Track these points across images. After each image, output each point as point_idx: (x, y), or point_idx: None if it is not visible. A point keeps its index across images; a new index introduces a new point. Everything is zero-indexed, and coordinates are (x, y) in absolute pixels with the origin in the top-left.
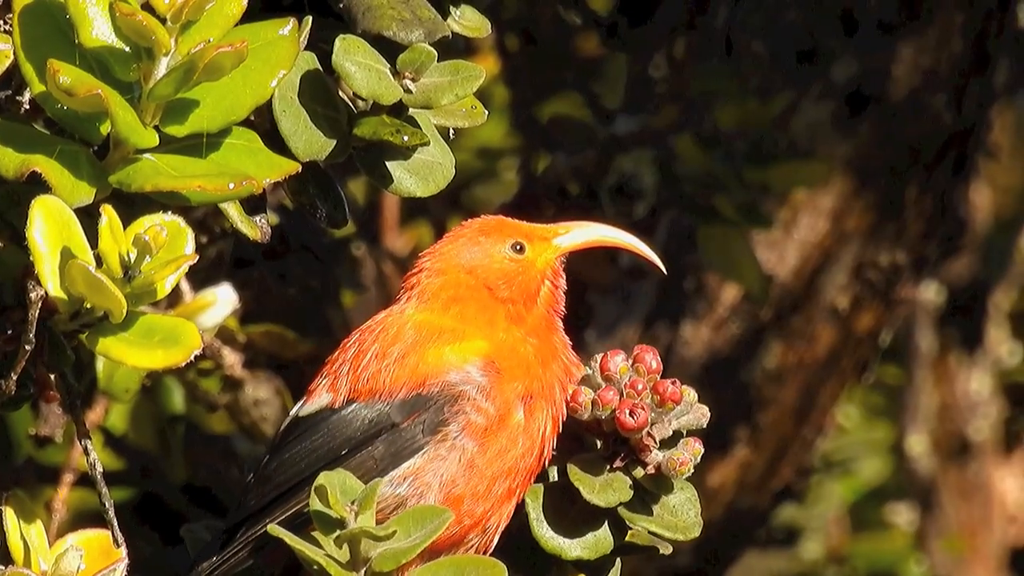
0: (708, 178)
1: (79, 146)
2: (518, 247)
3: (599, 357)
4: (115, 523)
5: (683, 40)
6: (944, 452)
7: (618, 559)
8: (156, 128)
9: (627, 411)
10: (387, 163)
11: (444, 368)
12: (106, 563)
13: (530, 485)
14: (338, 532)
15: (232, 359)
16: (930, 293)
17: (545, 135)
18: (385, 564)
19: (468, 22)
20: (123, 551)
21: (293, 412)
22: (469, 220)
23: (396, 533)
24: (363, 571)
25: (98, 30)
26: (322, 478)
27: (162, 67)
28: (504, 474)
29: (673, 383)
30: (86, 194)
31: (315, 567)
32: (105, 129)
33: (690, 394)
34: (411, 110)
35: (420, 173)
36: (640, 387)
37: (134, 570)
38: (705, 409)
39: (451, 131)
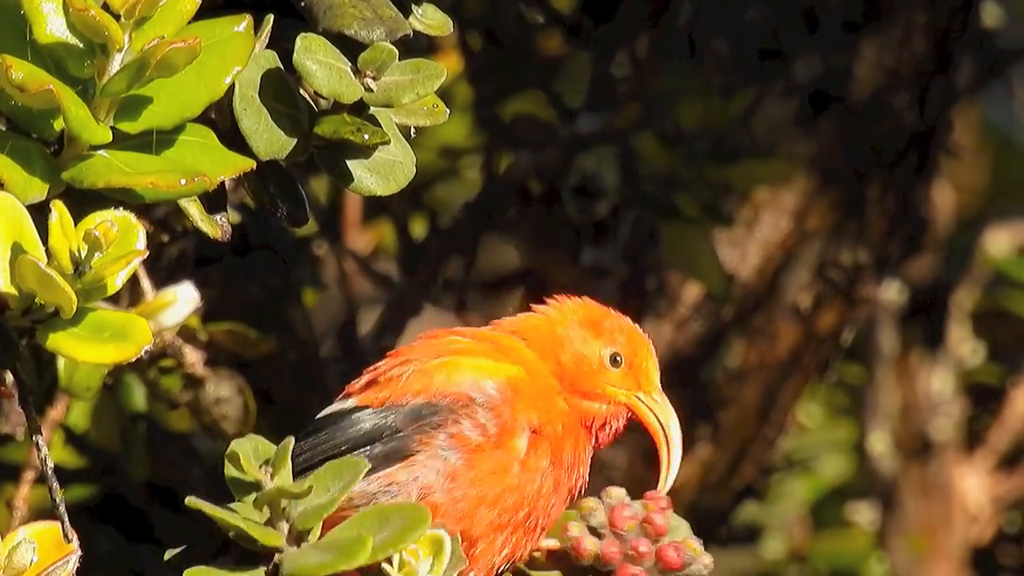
0: (670, 177)
1: (31, 142)
2: (616, 360)
3: (611, 504)
4: (66, 518)
5: (646, 39)
6: (906, 451)
7: None
8: (111, 126)
9: None
10: (348, 162)
11: (461, 381)
12: (59, 555)
13: (526, 539)
14: (255, 494)
15: (193, 357)
16: (892, 292)
17: (507, 134)
18: (307, 522)
19: (430, 20)
20: (75, 543)
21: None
22: (629, 321)
23: (313, 489)
24: (287, 530)
25: (52, 26)
26: (234, 445)
27: (116, 63)
28: (492, 501)
29: (677, 549)
30: (39, 190)
31: (232, 533)
32: (59, 125)
33: (695, 548)
34: (372, 109)
35: (381, 172)
36: (644, 549)
37: (95, 568)
38: (708, 559)
39: (412, 130)
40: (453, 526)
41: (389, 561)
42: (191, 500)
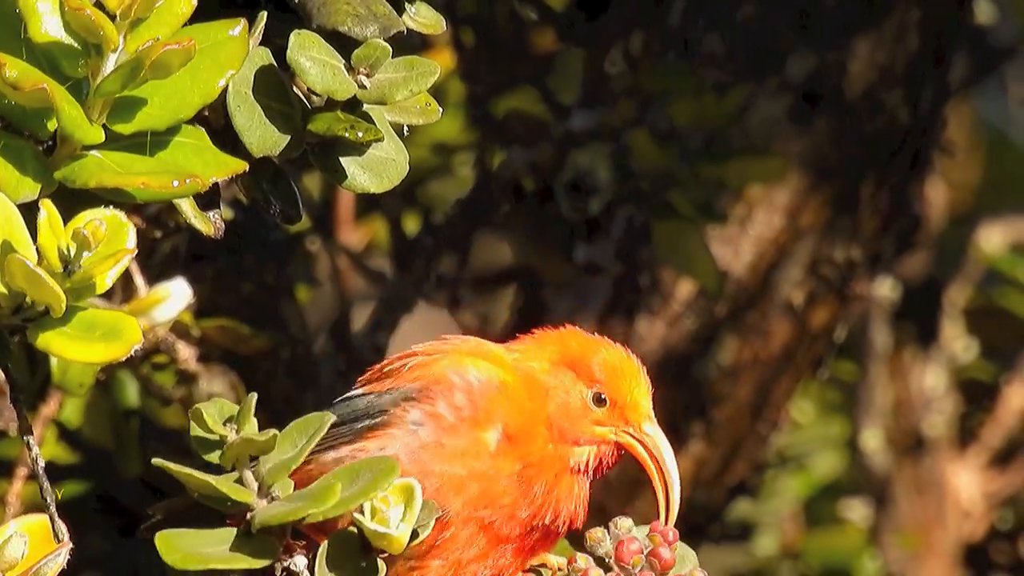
0: (664, 174)
1: (24, 141)
2: (601, 399)
3: (620, 532)
4: (55, 516)
5: (639, 36)
6: (899, 448)
7: None
8: (104, 127)
9: None
10: (341, 159)
11: (451, 368)
12: (50, 548)
13: (493, 551)
14: (221, 451)
15: (186, 353)
16: (885, 289)
17: (501, 131)
18: (275, 476)
19: (423, 18)
20: (66, 536)
21: None
22: (620, 347)
23: (281, 445)
24: (256, 487)
25: (47, 25)
26: (198, 406)
27: (110, 64)
28: (459, 484)
29: None
30: (30, 189)
31: (198, 493)
32: (52, 125)
33: None
34: (365, 106)
35: (374, 169)
36: None
37: (88, 565)
38: None
39: (405, 127)
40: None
41: (361, 511)
42: (157, 461)
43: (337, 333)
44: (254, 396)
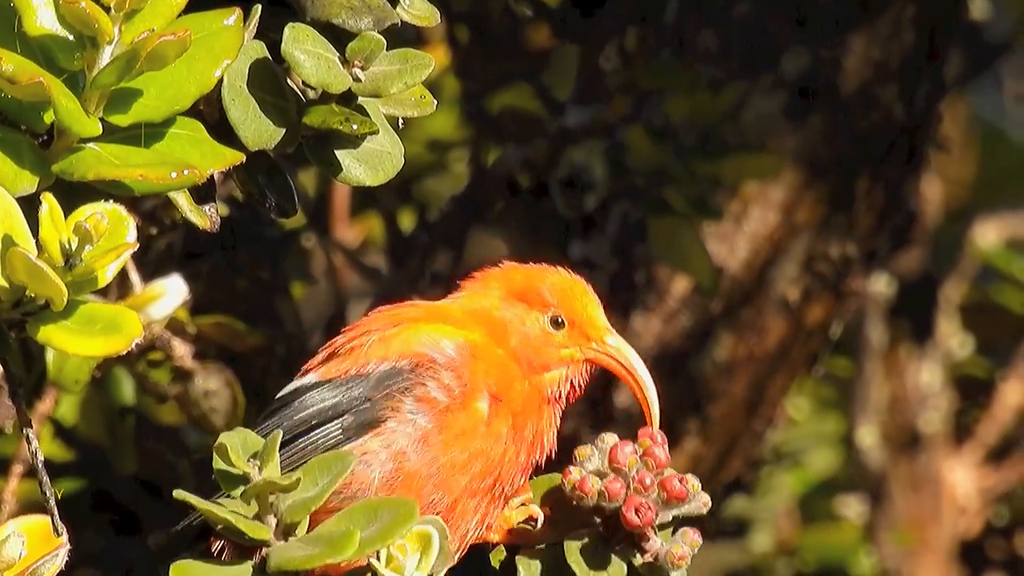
0: (659, 170)
1: (21, 135)
2: (558, 322)
3: (608, 445)
4: (55, 512)
5: (634, 32)
6: (894, 444)
7: None
8: (101, 119)
9: (633, 509)
10: (336, 152)
11: (419, 343)
12: (48, 549)
13: (493, 507)
14: (243, 488)
15: (182, 350)
16: (880, 285)
17: (495, 127)
18: (295, 515)
19: (417, 11)
20: (64, 537)
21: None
22: (562, 270)
23: (302, 482)
24: (274, 524)
25: (42, 18)
26: (222, 438)
27: (106, 56)
28: (463, 466)
29: (681, 480)
30: (28, 183)
31: (220, 526)
32: (49, 118)
33: (694, 484)
34: (360, 99)
35: (369, 162)
36: (648, 482)
37: (84, 561)
38: (707, 498)
39: (400, 120)
40: (433, 493)
41: (377, 556)
42: (179, 493)
43: (332, 330)
44: (279, 434)
